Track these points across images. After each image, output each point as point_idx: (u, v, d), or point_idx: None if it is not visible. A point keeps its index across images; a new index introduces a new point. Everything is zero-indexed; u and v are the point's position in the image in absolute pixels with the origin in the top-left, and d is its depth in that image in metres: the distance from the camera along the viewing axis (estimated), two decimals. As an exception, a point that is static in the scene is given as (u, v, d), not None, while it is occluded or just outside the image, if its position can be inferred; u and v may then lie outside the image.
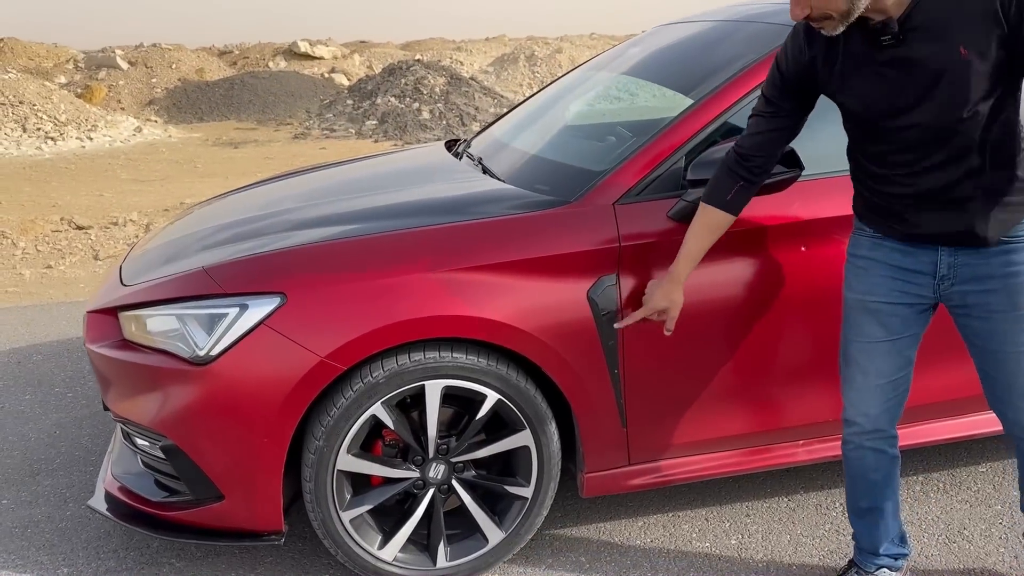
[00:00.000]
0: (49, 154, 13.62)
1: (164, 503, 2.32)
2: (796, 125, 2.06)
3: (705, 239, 2.15)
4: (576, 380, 2.28)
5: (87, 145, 14.46)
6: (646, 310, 2.20)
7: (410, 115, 15.37)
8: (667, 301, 2.18)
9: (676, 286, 2.18)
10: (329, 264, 2.22)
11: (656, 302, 2.19)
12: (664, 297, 2.18)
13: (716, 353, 2.38)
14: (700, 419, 2.42)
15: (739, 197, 2.10)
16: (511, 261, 2.22)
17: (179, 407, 2.19)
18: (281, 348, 2.13)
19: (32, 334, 4.44)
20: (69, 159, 13.17)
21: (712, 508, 2.73)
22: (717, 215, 2.12)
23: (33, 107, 15.05)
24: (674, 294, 2.18)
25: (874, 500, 2.18)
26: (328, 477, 2.21)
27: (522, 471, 2.35)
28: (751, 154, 2.06)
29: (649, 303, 2.20)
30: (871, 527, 2.22)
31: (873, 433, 2.11)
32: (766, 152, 2.06)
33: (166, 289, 2.31)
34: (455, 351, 2.22)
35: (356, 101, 17.01)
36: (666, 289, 2.18)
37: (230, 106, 19.29)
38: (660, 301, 2.18)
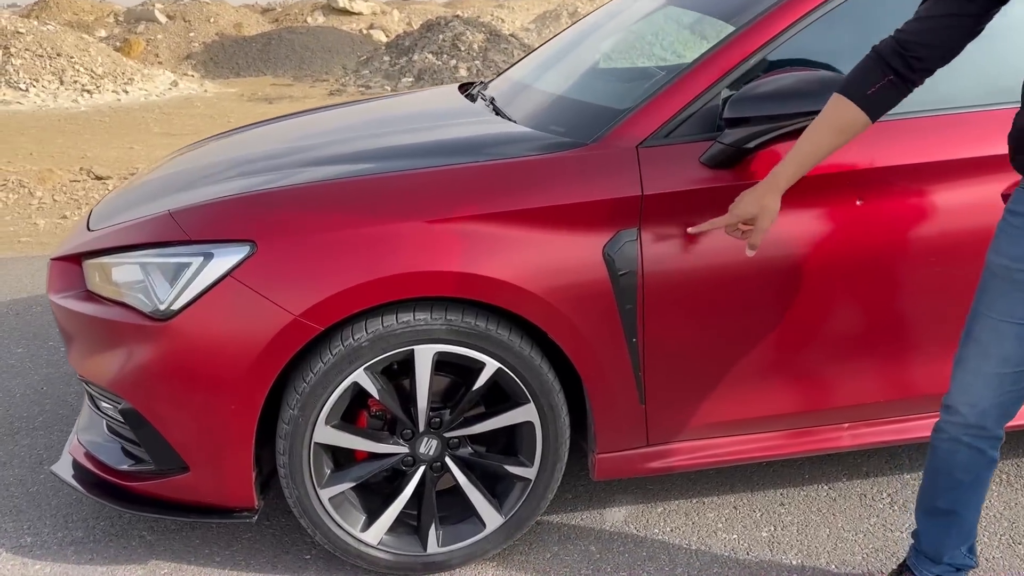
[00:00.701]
0: (85, 107, 13.57)
1: (128, 472, 2.09)
2: (983, 16, 1.62)
3: (826, 140, 1.74)
4: (588, 349, 1.99)
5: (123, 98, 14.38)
6: (730, 217, 1.84)
7: (447, 72, 15.02)
8: (758, 207, 1.80)
9: (773, 192, 1.79)
10: (306, 209, 1.95)
11: (744, 207, 1.82)
12: (755, 202, 1.80)
13: (752, 320, 2.07)
14: (730, 396, 2.12)
15: (883, 97, 1.68)
16: (514, 211, 1.93)
17: (137, 367, 1.95)
18: (249, 304, 1.87)
19: (35, 285, 4.26)
20: (104, 112, 13.10)
21: (741, 495, 2.44)
22: (849, 112, 1.70)
23: (71, 60, 14.99)
24: (768, 200, 1.80)
25: (955, 503, 1.82)
26: (304, 451, 1.97)
27: (525, 449, 2.08)
28: (914, 41, 1.62)
29: (736, 208, 1.83)
30: (941, 531, 1.86)
31: (975, 428, 1.73)
32: (935, 43, 1.62)
33: (130, 235, 2.06)
34: (449, 313, 1.94)
35: (393, 58, 16.69)
36: (759, 193, 1.80)
37: (267, 62, 19.10)
38: (750, 206, 1.81)
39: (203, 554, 2.21)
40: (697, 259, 1.98)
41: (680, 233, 1.96)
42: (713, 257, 1.98)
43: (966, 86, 2.10)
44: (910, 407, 2.23)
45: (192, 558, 2.20)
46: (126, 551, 2.22)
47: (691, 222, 1.95)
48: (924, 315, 2.14)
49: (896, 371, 2.18)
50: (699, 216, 1.95)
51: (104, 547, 2.24)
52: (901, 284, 2.09)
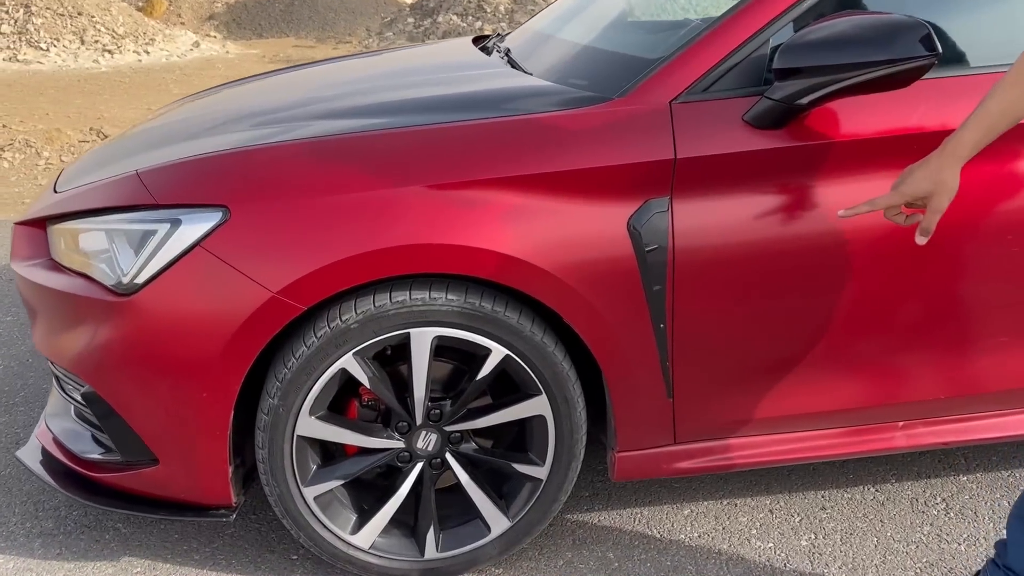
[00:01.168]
0: (105, 67, 13.41)
1: (95, 463, 1.88)
2: None
3: (1022, 100, 1.40)
4: (609, 335, 1.74)
5: (143, 59, 14.19)
6: (894, 196, 1.52)
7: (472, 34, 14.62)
8: (932, 183, 1.48)
9: (953, 164, 1.46)
10: (289, 171, 1.71)
11: (915, 185, 1.49)
12: (929, 177, 1.48)
13: (798, 304, 1.80)
14: (770, 391, 1.87)
15: None
16: (526, 176, 1.68)
17: (99, 348, 1.74)
18: (221, 278, 1.64)
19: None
20: (124, 72, 12.93)
21: (778, 497, 2.19)
22: None
23: (92, 19, 14.80)
24: (946, 174, 1.47)
25: None
26: (286, 444, 1.75)
27: (535, 446, 1.85)
28: None
29: (903, 186, 1.51)
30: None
31: None
32: None
33: (95, 197, 1.84)
34: (451, 292, 1.70)
35: (417, 19, 16.31)
36: (935, 166, 1.47)
37: (290, 23, 18.80)
38: (922, 183, 1.48)
39: (180, 551, 2.01)
40: (737, 234, 1.71)
41: (718, 204, 1.70)
42: (755, 232, 1.71)
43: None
44: (973, 405, 1.97)
45: (168, 555, 2.00)
46: (98, 545, 2.03)
47: (731, 191, 1.69)
48: (994, 301, 1.86)
49: (959, 365, 1.91)
50: (743, 185, 1.68)
51: (75, 540, 2.05)
52: (971, 266, 1.82)
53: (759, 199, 1.70)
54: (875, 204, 1.56)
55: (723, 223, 1.70)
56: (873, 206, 1.56)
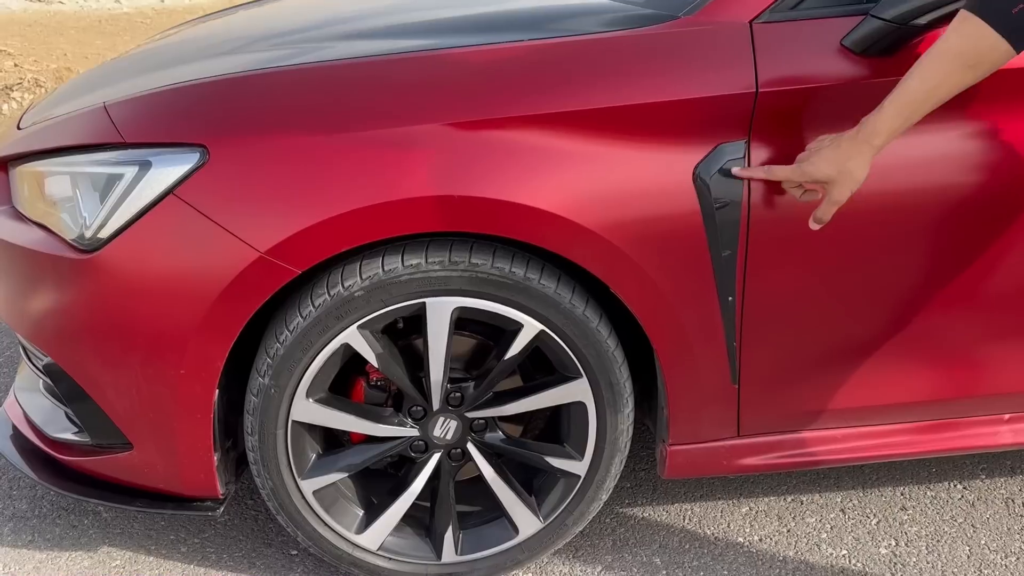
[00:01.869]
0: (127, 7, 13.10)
1: (65, 443, 1.63)
2: None
3: (949, 79, 1.23)
4: (665, 308, 1.45)
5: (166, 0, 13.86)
6: (796, 172, 1.32)
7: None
8: (836, 170, 1.29)
9: (864, 152, 1.29)
10: (281, 104, 1.41)
11: (817, 167, 1.30)
12: (835, 162, 1.29)
13: (893, 276, 1.49)
14: (852, 377, 1.57)
15: None
16: (569, 112, 1.37)
17: (59, 312, 1.48)
18: (199, 233, 1.36)
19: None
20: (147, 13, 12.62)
21: (851, 494, 1.90)
22: (985, 39, 1.18)
23: (115, -43, 14.45)
24: (855, 163, 1.29)
25: None
26: (279, 431, 1.48)
27: (573, 437, 1.56)
28: None
29: (806, 165, 1.31)
30: None
31: None
32: None
33: (59, 133, 1.56)
34: (475, 255, 1.41)
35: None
36: (844, 151, 1.29)
37: (318, -37, 18.32)
38: (826, 167, 1.30)
39: (166, 541, 1.77)
40: (830, 188, 1.39)
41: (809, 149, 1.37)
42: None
43: None
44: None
45: (152, 546, 1.76)
46: (74, 532, 1.80)
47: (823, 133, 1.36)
48: None
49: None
50: (836, 127, 1.35)
51: (50, 525, 1.81)
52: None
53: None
54: (772, 173, 1.36)
55: (813, 174, 1.38)
56: (770, 174, 1.35)
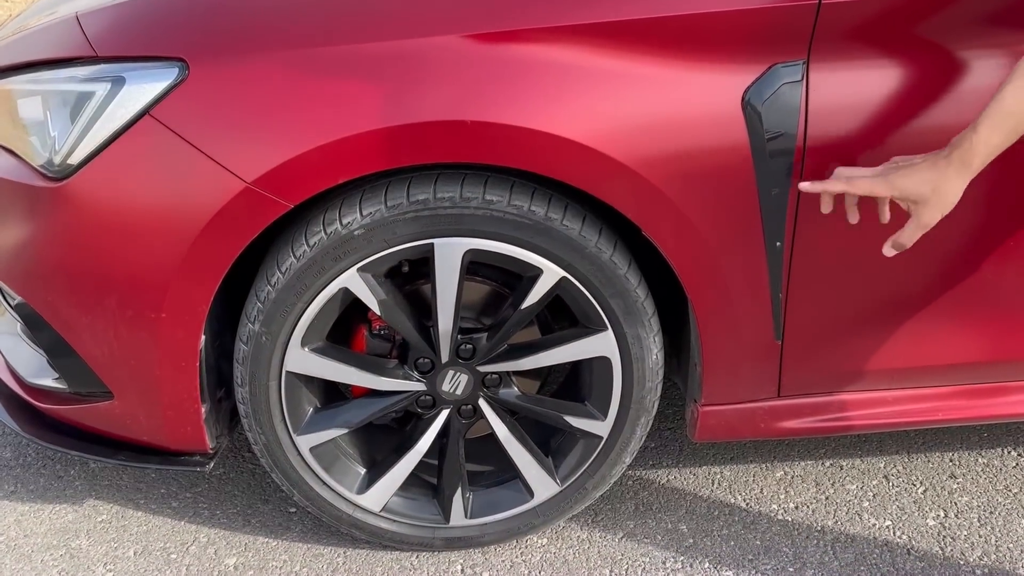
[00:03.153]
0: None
1: (44, 390, 1.51)
2: None
3: None
4: (703, 254, 1.28)
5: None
6: (888, 187, 1.13)
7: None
8: (929, 188, 1.11)
9: (962, 173, 1.10)
10: (271, 14, 1.24)
11: (917, 186, 1.12)
12: (928, 182, 1.11)
13: (972, 223, 1.31)
14: (905, 334, 1.41)
15: None
16: (601, 24, 1.19)
17: (27, 247, 1.34)
18: (178, 159, 1.21)
19: None
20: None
21: (895, 459, 1.75)
22: None
23: None
24: (948, 184, 1.11)
25: None
26: (272, 382, 1.34)
27: (596, 395, 1.42)
28: None
29: (896, 179, 1.12)
30: None
31: None
32: None
33: (28, 47, 1.39)
34: (489, 190, 1.24)
35: None
36: (940, 171, 1.10)
37: None
38: (923, 186, 1.11)
39: (156, 495, 1.66)
40: (900, 119, 1.21)
41: (877, 74, 1.19)
42: (926, 118, 1.22)
43: None
44: None
45: (141, 500, 1.65)
46: (59, 483, 1.69)
47: (897, 55, 1.18)
48: None
49: None
50: (912, 47, 1.17)
51: (34, 475, 1.71)
52: None
53: (938, 69, 1.20)
54: (854, 185, 1.15)
55: (882, 103, 1.20)
56: (851, 187, 1.15)
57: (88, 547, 1.54)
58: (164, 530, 1.58)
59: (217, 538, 1.56)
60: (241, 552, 1.54)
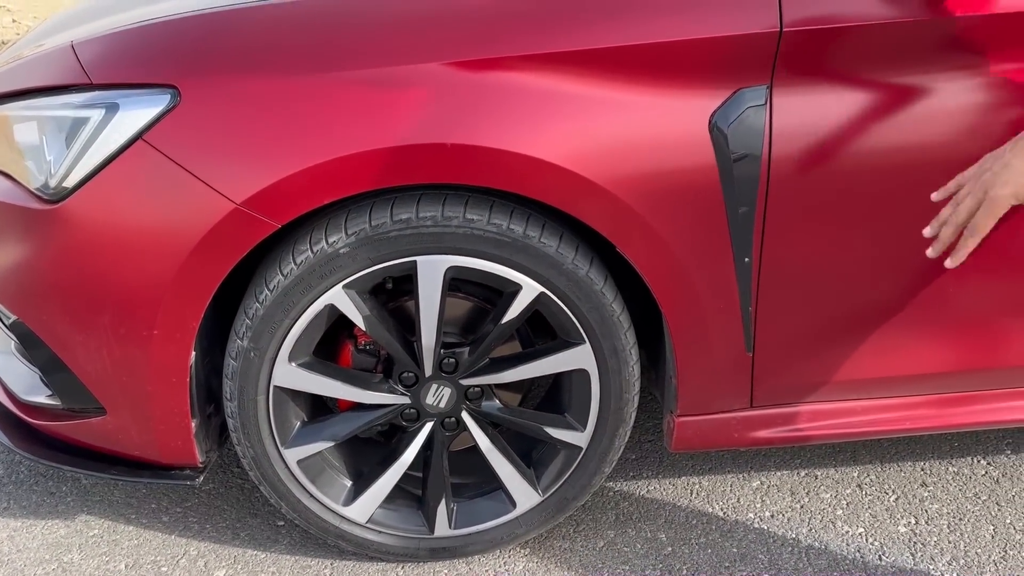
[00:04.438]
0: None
1: (37, 407, 1.55)
2: None
3: None
4: (676, 269, 1.34)
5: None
6: (1002, 203, 1.08)
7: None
8: None
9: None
10: (260, 40, 1.30)
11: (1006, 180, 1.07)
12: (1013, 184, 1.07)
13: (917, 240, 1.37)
14: (878, 345, 1.47)
15: None
16: (575, 53, 1.25)
17: (22, 267, 1.38)
18: (170, 182, 1.26)
19: None
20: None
21: (868, 469, 1.80)
22: None
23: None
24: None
25: None
26: (260, 396, 1.39)
27: (575, 407, 1.47)
28: None
29: (1004, 188, 1.07)
30: None
31: None
32: None
33: (25, 74, 1.45)
34: (471, 209, 1.30)
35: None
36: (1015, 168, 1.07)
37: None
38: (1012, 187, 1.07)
39: (147, 510, 1.69)
40: (859, 140, 1.28)
41: (836, 98, 1.26)
42: (883, 139, 1.28)
43: None
44: None
45: (132, 515, 1.68)
46: (52, 499, 1.72)
47: (856, 81, 1.25)
48: None
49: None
50: (871, 72, 1.24)
51: (26, 492, 1.74)
52: None
53: (893, 93, 1.26)
54: (981, 228, 1.11)
55: (841, 125, 1.27)
56: (982, 230, 1.11)
57: (80, 561, 1.57)
58: (155, 544, 1.61)
59: (207, 551, 1.60)
60: (230, 564, 1.57)
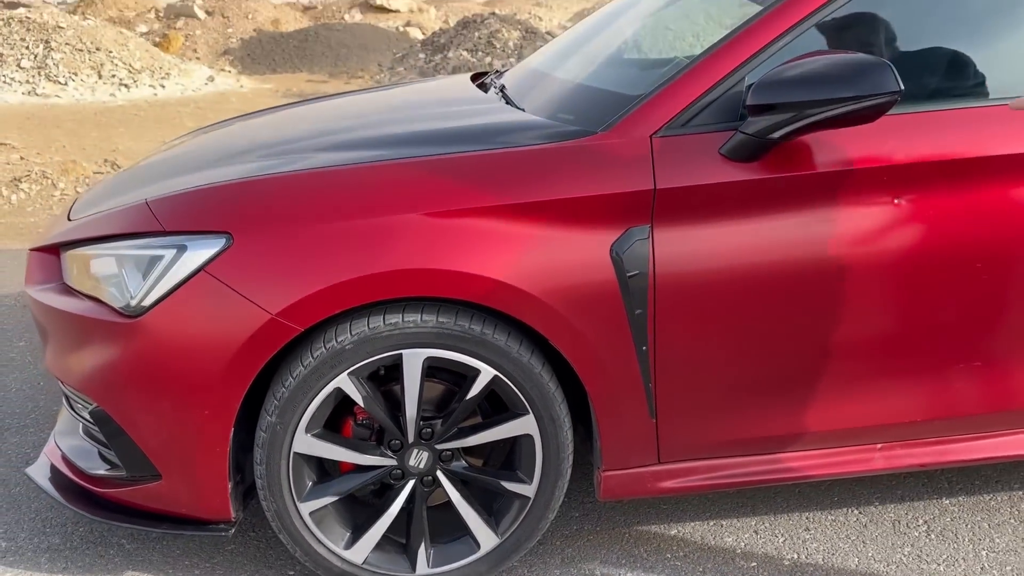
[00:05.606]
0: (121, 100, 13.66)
1: (101, 478, 1.96)
2: None
3: None
4: (593, 356, 1.82)
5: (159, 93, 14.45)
6: None
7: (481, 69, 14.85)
8: None
9: None
10: (289, 200, 1.81)
11: None
12: None
13: (776, 328, 1.87)
14: (751, 412, 1.94)
15: None
16: (514, 204, 1.77)
17: (107, 367, 1.82)
18: (223, 301, 1.73)
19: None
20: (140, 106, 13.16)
21: (764, 518, 2.24)
22: None
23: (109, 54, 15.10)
24: None
25: None
26: (283, 461, 1.82)
27: (524, 464, 1.92)
28: None
29: None
30: None
31: None
32: None
33: (106, 224, 1.94)
34: (442, 315, 1.78)
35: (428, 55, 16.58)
36: None
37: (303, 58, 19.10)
38: None
39: (182, 566, 2.08)
40: (715, 260, 1.79)
41: (696, 232, 1.78)
42: (731, 259, 1.79)
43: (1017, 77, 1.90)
44: (952, 427, 2.02)
45: (170, 570, 2.07)
46: (102, 560, 2.10)
47: (711, 219, 1.77)
48: (967, 325, 1.93)
49: (934, 388, 1.98)
50: (720, 214, 1.77)
51: (80, 555, 2.12)
52: (941, 290, 1.89)
53: (735, 228, 1.78)
54: None
55: (701, 250, 1.79)
56: None
57: (129, 605, 1.95)
58: (190, 591, 2.00)
59: (232, 595, 1.99)
60: (252, 604, 1.96)
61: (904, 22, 1.92)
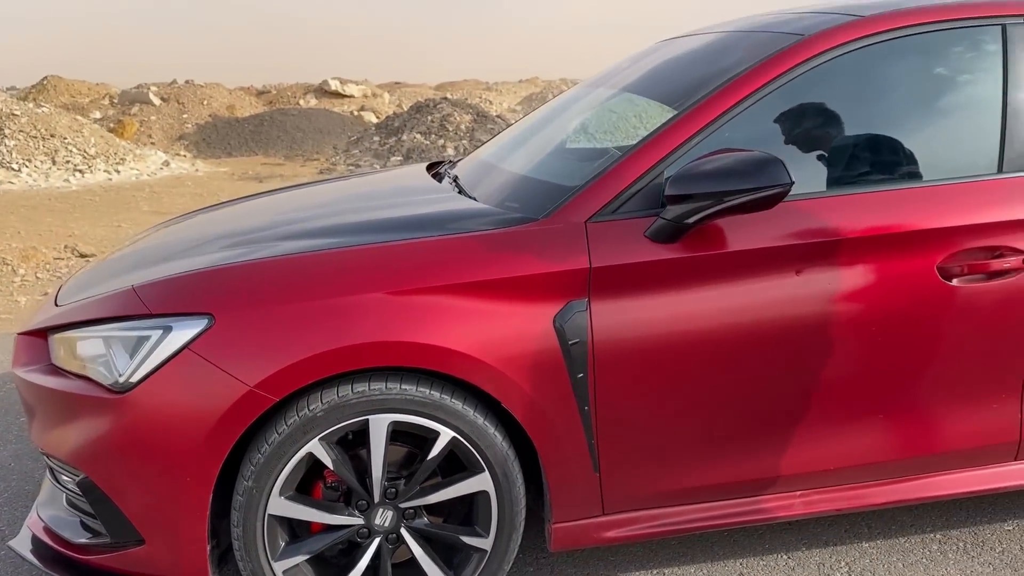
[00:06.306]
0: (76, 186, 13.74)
1: (84, 546, 2.09)
2: None
3: None
4: (541, 417, 2.03)
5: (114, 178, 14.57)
6: None
7: (435, 151, 15.33)
8: None
9: None
10: (263, 283, 2.01)
11: None
12: None
13: (703, 388, 2.11)
14: (685, 465, 2.16)
15: None
16: (467, 283, 2.00)
17: (95, 439, 1.98)
18: (206, 376, 1.91)
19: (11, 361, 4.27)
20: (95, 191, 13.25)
21: (703, 564, 2.44)
22: None
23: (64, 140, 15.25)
24: None
25: None
26: (258, 522, 1.98)
27: (481, 519, 2.10)
28: None
29: None
30: None
31: None
32: None
33: (94, 309, 2.12)
34: (404, 382, 1.99)
35: (383, 138, 17.05)
36: None
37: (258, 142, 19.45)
38: None
39: (159, 630, 2.19)
40: (646, 328, 2.04)
41: (628, 304, 2.03)
42: (662, 326, 2.04)
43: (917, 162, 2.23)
44: (863, 474, 2.26)
45: (147, 634, 2.18)
46: (81, 627, 2.20)
47: (639, 292, 2.02)
48: (872, 383, 2.19)
49: (846, 439, 2.22)
50: (648, 287, 2.02)
51: (59, 623, 2.22)
52: (844, 353, 2.15)
53: (662, 299, 2.04)
54: None
55: (633, 319, 2.03)
56: None
57: (110, 668, 2.06)
58: (167, 652, 2.11)
59: (208, 655, 2.10)
60: (227, 662, 2.08)
61: (793, 122, 2.23)
